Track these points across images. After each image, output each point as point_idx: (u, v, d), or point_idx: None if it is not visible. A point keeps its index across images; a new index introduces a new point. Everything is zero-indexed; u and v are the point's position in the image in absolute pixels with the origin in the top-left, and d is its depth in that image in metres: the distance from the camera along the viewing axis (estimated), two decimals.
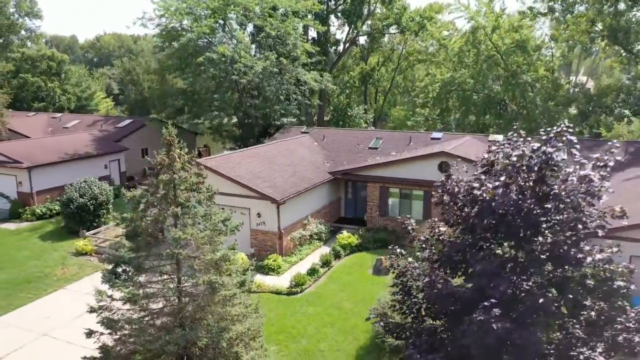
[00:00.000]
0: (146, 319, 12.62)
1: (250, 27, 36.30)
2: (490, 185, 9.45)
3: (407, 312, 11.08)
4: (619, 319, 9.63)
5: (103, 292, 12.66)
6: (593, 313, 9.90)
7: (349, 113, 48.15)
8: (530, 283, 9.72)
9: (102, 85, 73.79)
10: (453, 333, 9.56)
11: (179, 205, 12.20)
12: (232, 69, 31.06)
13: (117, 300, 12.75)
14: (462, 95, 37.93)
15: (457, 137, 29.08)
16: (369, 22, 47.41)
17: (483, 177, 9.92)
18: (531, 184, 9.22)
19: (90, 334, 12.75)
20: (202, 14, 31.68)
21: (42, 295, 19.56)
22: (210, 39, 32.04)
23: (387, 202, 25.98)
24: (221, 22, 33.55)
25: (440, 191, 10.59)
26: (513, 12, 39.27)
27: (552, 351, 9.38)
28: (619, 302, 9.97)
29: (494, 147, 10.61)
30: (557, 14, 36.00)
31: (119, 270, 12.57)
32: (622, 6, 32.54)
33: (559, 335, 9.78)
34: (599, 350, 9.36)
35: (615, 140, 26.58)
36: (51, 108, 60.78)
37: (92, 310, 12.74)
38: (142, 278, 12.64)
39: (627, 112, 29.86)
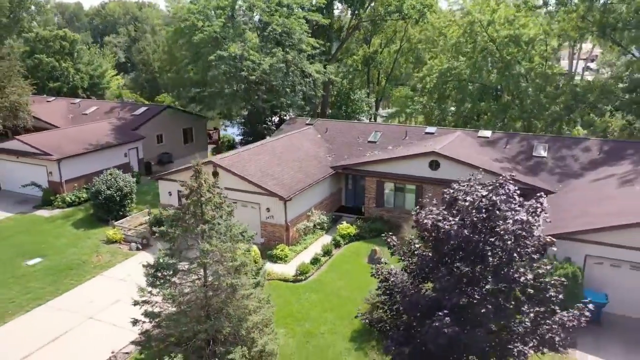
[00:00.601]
0: (180, 308, 15.66)
1: (256, 18, 38.18)
2: (451, 220, 12.22)
3: (387, 310, 14.06)
4: (548, 321, 12.53)
5: (144, 289, 15.72)
6: (532, 315, 12.80)
7: (351, 97, 50.44)
8: (483, 291, 12.63)
9: (112, 63, 75.68)
10: (419, 331, 12.51)
11: (206, 222, 15.03)
12: (242, 65, 33.36)
13: (155, 295, 15.85)
14: (458, 85, 40.07)
15: (449, 132, 31.52)
16: (373, 4, 48.87)
17: (445, 212, 12.66)
18: (481, 219, 11.97)
19: (135, 322, 15.89)
20: (213, 13, 33.79)
21: (83, 281, 22.73)
22: (221, 35, 34.09)
23: (383, 195, 28.76)
24: (229, 14, 35.52)
25: (414, 219, 13.33)
26: (510, 2, 40.56)
27: (493, 345, 12.35)
28: (551, 307, 12.85)
29: (455, 185, 13.23)
30: (550, 7, 37.69)
31: (159, 274, 15.48)
32: None
33: (503, 333, 12.71)
34: (530, 345, 12.32)
35: (590, 139, 29.12)
36: (65, 87, 63.25)
37: (135, 303, 15.83)
38: (176, 279, 15.62)
39: (608, 107, 32.11)
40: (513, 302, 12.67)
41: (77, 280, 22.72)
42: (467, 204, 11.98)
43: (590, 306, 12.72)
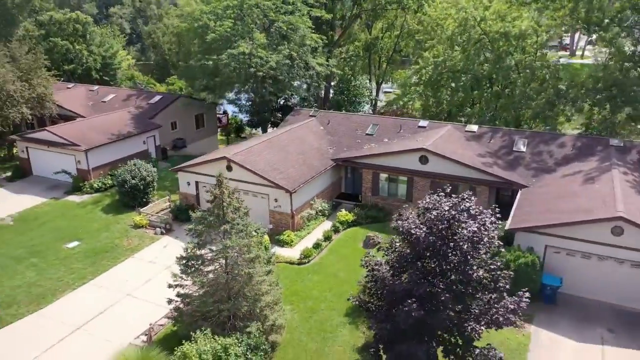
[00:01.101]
0: (207, 290, 19.28)
1: (262, 16, 40.75)
2: (422, 227, 15.62)
3: (373, 294, 17.64)
4: (496, 305, 16.04)
5: (177, 275, 19.34)
6: (485, 300, 16.31)
7: (353, 83, 53.25)
8: (447, 281, 16.11)
9: (122, 43, 77.85)
10: (395, 312, 16.06)
11: (227, 222, 18.49)
12: (250, 61, 36.27)
13: (185, 279, 19.46)
14: (452, 76, 42.78)
15: (440, 126, 34.44)
16: None
17: (418, 220, 16.04)
18: (444, 228, 15.38)
19: (170, 301, 19.62)
20: (224, 14, 36.55)
21: (117, 262, 26.42)
22: (231, 34, 36.83)
23: (378, 184, 32.07)
24: (238, 12, 38.13)
25: (395, 225, 16.70)
26: None
27: (454, 324, 15.92)
28: (500, 294, 16.34)
29: (427, 198, 16.52)
30: (539, 3, 40.01)
31: (189, 263, 19.03)
32: None
33: (462, 314, 16.23)
34: (482, 323, 15.88)
35: (566, 135, 32.12)
36: (79, 69, 65.95)
37: (170, 286, 19.49)
38: (203, 267, 19.18)
39: (586, 104, 34.95)
40: (471, 291, 16.18)
41: (113, 262, 26.44)
42: (433, 216, 15.37)
43: (528, 294, 16.15)
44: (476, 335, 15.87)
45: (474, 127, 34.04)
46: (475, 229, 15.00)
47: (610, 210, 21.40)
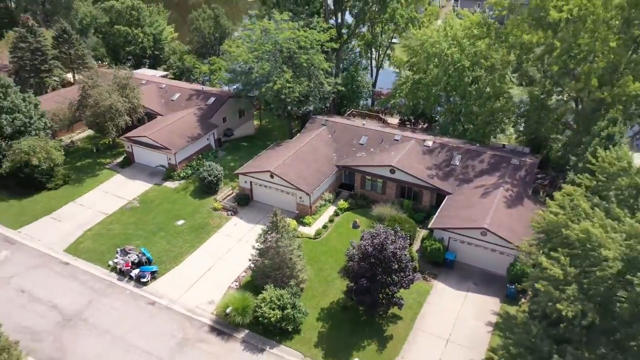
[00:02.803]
0: (267, 262, 38.58)
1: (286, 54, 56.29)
2: (370, 245, 34.30)
3: (350, 271, 36.80)
4: (404, 279, 35.10)
5: (253, 255, 38.59)
6: (400, 276, 35.41)
7: (356, 77, 69.30)
8: (381, 269, 35.10)
9: (166, 18, 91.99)
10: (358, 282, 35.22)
11: (279, 232, 37.30)
12: (281, 92, 53.11)
13: (257, 257, 38.70)
14: (425, 89, 58.76)
15: (407, 140, 51.76)
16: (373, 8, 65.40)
17: (370, 241, 34.59)
18: (380, 246, 34.04)
19: (249, 267, 39.15)
20: (264, 56, 52.83)
21: (210, 236, 45.63)
22: (268, 71, 53.32)
23: (365, 182, 50.31)
24: (274, 51, 54.06)
25: (360, 242, 35.36)
26: (462, 33, 57.38)
27: (385, 285, 35.10)
28: (408, 274, 35.36)
29: (378, 227, 34.96)
30: (492, 40, 55.02)
31: (260, 252, 38.08)
32: None
33: (390, 281, 35.38)
34: (397, 287, 35.09)
35: (486, 152, 49.38)
36: (137, 49, 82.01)
37: (249, 260, 38.86)
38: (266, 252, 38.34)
39: (510, 127, 51.42)
40: (393, 272, 35.23)
41: (207, 235, 45.73)
42: (375, 242, 34.05)
43: (418, 275, 35.20)
44: (393, 291, 35.23)
45: (430, 142, 51.31)
46: (392, 249, 33.78)
47: (481, 222, 39.77)
